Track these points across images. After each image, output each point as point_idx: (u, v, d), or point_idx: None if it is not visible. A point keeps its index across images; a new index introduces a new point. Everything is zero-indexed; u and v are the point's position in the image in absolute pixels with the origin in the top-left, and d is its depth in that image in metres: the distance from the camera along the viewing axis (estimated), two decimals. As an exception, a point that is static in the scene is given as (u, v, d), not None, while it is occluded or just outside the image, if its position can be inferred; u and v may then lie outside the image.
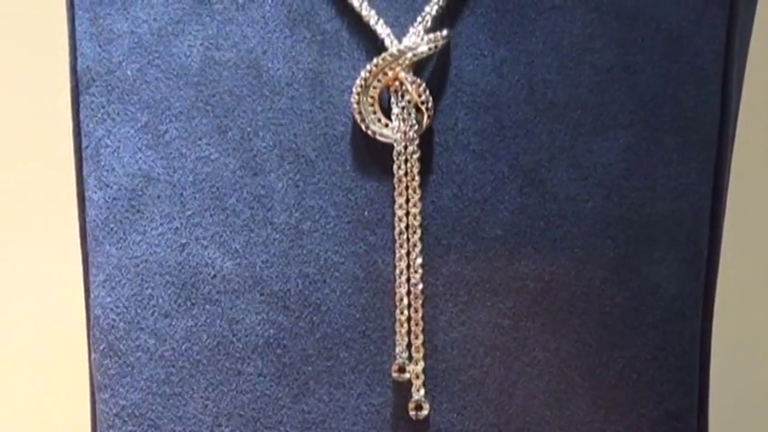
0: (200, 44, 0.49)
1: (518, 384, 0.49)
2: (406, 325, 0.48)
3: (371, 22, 0.48)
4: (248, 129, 0.49)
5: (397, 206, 0.48)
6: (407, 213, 0.48)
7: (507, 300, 0.48)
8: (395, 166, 0.48)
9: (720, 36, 0.49)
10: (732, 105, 0.50)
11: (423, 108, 0.47)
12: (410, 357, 0.48)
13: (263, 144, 0.49)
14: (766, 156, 0.59)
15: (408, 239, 0.48)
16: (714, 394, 0.52)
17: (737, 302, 0.54)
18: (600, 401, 0.49)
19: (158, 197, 0.49)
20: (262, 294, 0.49)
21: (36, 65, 0.55)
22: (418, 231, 0.48)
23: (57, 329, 0.55)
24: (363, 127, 0.48)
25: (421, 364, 0.48)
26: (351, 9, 0.48)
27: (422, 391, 0.48)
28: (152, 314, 0.49)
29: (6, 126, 0.63)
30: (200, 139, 0.49)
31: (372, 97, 0.48)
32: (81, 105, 0.50)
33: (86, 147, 0.50)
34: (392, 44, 0.47)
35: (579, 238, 0.49)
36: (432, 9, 0.48)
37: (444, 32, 0.47)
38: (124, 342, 0.50)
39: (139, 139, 0.49)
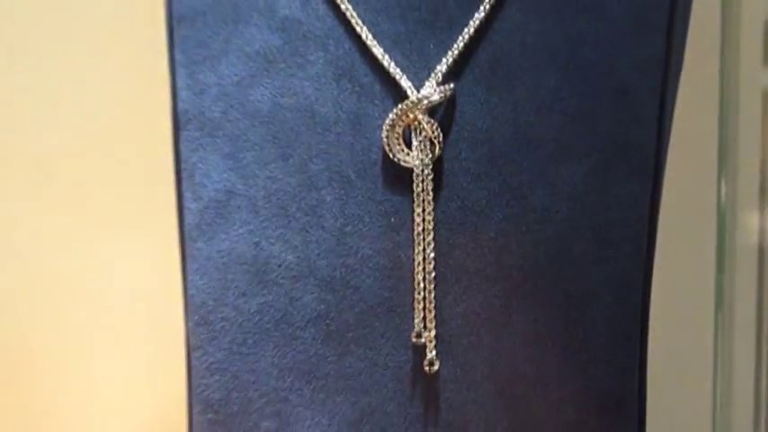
0: (269, 93, 0.51)
1: (505, 347, 0.50)
2: (422, 303, 0.50)
3: (397, 77, 0.49)
4: (305, 156, 0.51)
5: (416, 214, 0.49)
6: (423, 220, 0.49)
7: (497, 285, 0.50)
8: (414, 185, 0.49)
9: (658, 85, 0.50)
10: (665, 138, 0.51)
11: (435, 142, 0.49)
12: (425, 327, 0.50)
13: (316, 168, 0.51)
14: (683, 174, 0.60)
15: (424, 239, 0.50)
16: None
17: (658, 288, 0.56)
18: (565, 361, 0.50)
19: (238, 207, 0.51)
20: (314, 279, 0.51)
21: (148, 109, 0.56)
22: (431, 233, 0.50)
23: (163, 305, 0.56)
24: (391, 155, 0.50)
25: (433, 332, 0.50)
26: (381, 67, 0.50)
27: (434, 352, 0.50)
28: (233, 294, 0.51)
29: (131, 156, 0.63)
30: (268, 163, 0.51)
31: (398, 133, 0.50)
32: (180, 139, 0.51)
33: (184, 169, 0.51)
34: (412, 94, 0.49)
35: (552, 240, 0.50)
36: (442, 67, 0.49)
37: (451, 85, 0.49)
38: (212, 314, 0.51)
39: (224, 164, 0.51)
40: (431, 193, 0.49)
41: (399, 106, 0.49)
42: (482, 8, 0.50)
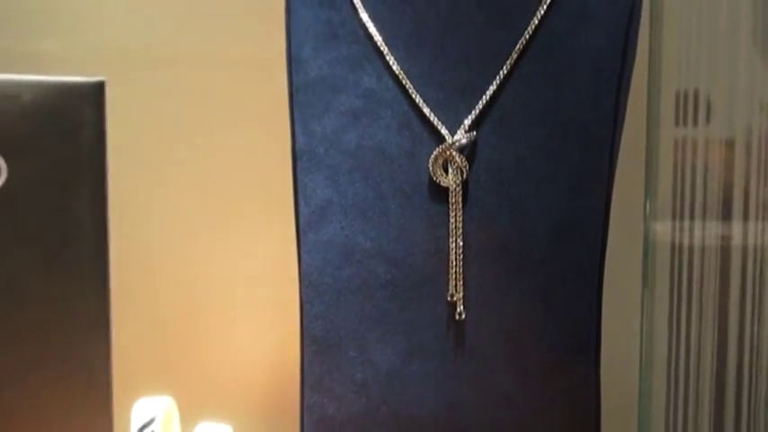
0: (355, 138, 0.51)
1: (508, 304, 0.51)
2: (454, 275, 0.50)
3: (438, 127, 0.50)
4: (378, 179, 0.51)
5: (450, 217, 0.50)
6: (455, 221, 0.50)
7: (503, 264, 0.51)
8: (449, 198, 0.50)
9: (610, 133, 0.50)
10: (614, 168, 0.51)
11: (463, 170, 0.50)
12: (456, 290, 0.50)
13: (385, 186, 0.51)
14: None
15: (455, 234, 0.50)
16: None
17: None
18: (548, 313, 0.51)
19: (333, 211, 0.51)
20: (384, 259, 0.51)
21: (277, 147, 0.55)
22: (460, 230, 0.50)
23: (285, 274, 0.55)
24: (434, 179, 0.50)
25: (461, 294, 0.50)
26: (428, 121, 0.50)
27: (461, 307, 0.50)
28: (330, 267, 0.51)
29: (266, 177, 0.62)
30: (354, 183, 0.51)
31: (439, 164, 0.50)
32: (297, 166, 0.52)
33: (299, 186, 0.52)
34: (449, 138, 0.50)
35: (539, 236, 0.50)
36: (468, 121, 0.50)
37: (474, 133, 0.50)
38: (317, 280, 0.52)
39: (324, 183, 0.51)
40: (460, 204, 0.50)
41: (440, 146, 0.50)
42: (494, 82, 0.50)
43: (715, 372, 0.66)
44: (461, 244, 0.50)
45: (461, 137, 0.49)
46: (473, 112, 0.50)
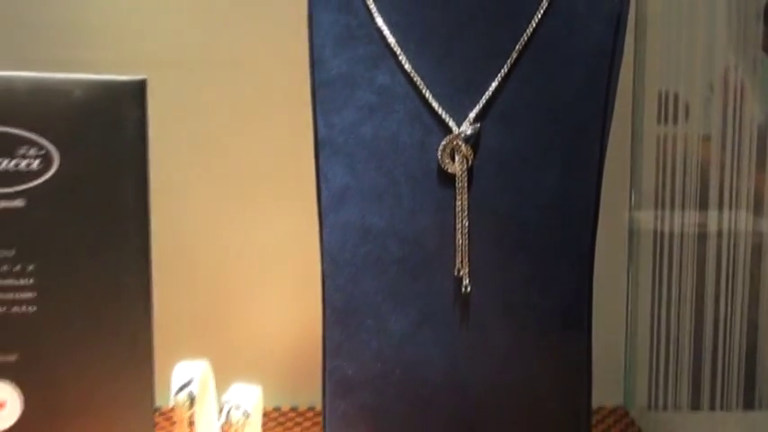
0: (371, 129, 0.51)
1: (507, 279, 0.51)
2: (460, 252, 0.50)
3: (446, 120, 0.50)
4: (391, 166, 0.51)
5: (456, 201, 0.50)
6: (461, 204, 0.50)
7: (503, 241, 0.51)
8: (456, 183, 0.50)
9: (600, 127, 0.50)
10: (605, 155, 0.51)
11: (468, 158, 0.50)
12: (462, 265, 0.51)
13: (398, 173, 0.51)
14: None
15: (461, 215, 0.50)
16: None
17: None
18: (544, 285, 0.51)
19: (352, 195, 0.51)
20: (397, 238, 0.51)
21: (302, 139, 0.53)
22: (466, 212, 0.50)
23: (308, 251, 0.54)
24: (443, 166, 0.50)
25: (466, 269, 0.51)
26: (437, 114, 0.50)
27: (467, 280, 0.51)
28: (349, 244, 0.52)
29: (294, 165, 0.60)
30: (370, 169, 0.51)
31: (446, 152, 0.50)
32: (319, 155, 0.52)
33: (321, 174, 0.52)
34: (456, 130, 0.50)
35: (536, 217, 0.51)
36: (473, 114, 0.50)
37: (477, 125, 0.50)
38: (337, 257, 0.52)
39: (343, 170, 0.52)
40: (465, 188, 0.50)
41: (447, 137, 0.50)
42: (496, 80, 0.50)
43: (692, 342, 0.67)
44: (467, 224, 0.50)
45: (467, 128, 0.50)
46: (477, 107, 0.50)
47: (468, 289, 0.51)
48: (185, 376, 0.50)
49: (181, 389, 0.49)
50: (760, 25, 0.60)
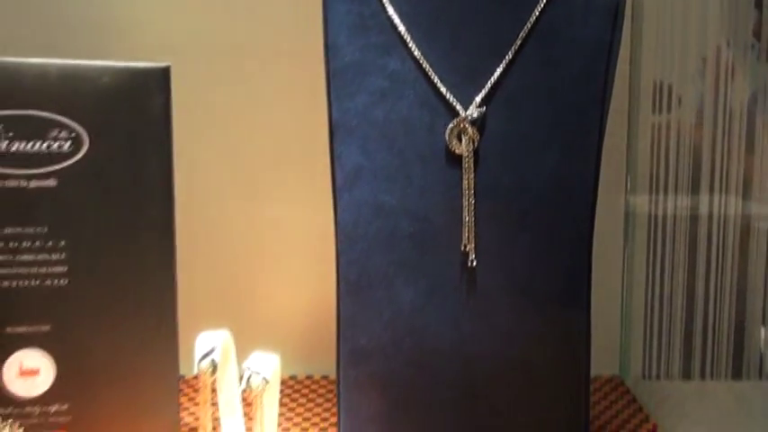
0: (383, 113, 0.51)
1: (510, 253, 0.51)
2: (467, 229, 0.51)
3: (454, 104, 0.50)
4: (402, 148, 0.51)
5: (463, 180, 0.51)
6: (467, 183, 0.50)
7: (506, 218, 0.51)
8: (463, 164, 0.50)
9: (599, 113, 0.51)
10: (603, 138, 0.51)
11: (474, 140, 0.50)
12: (468, 241, 0.51)
13: (409, 154, 0.51)
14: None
15: (468, 194, 0.50)
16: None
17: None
18: (545, 256, 0.51)
19: (365, 175, 0.52)
20: (408, 215, 0.52)
21: (317, 121, 0.54)
22: (472, 191, 0.50)
23: (324, 227, 0.54)
24: (450, 147, 0.51)
25: (472, 244, 0.51)
26: (445, 98, 0.50)
27: (473, 255, 0.51)
28: (362, 221, 0.52)
29: (311, 146, 0.63)
30: (382, 151, 0.51)
31: (454, 135, 0.51)
32: (333, 137, 0.52)
33: (335, 154, 0.52)
34: (462, 113, 0.50)
35: (538, 196, 0.51)
36: (478, 99, 0.50)
37: (483, 108, 0.50)
38: (351, 233, 0.52)
39: (356, 151, 0.52)
40: (472, 168, 0.50)
41: (455, 120, 0.51)
42: (501, 66, 0.51)
43: (684, 316, 0.69)
44: (473, 202, 0.51)
45: (473, 112, 0.50)
46: (483, 91, 0.51)
47: (474, 263, 0.51)
48: (208, 345, 0.50)
49: (204, 357, 0.50)
50: (751, 10, 0.61)
